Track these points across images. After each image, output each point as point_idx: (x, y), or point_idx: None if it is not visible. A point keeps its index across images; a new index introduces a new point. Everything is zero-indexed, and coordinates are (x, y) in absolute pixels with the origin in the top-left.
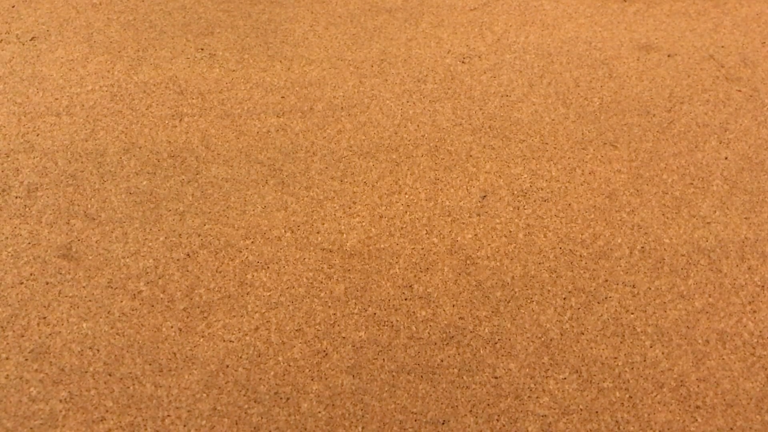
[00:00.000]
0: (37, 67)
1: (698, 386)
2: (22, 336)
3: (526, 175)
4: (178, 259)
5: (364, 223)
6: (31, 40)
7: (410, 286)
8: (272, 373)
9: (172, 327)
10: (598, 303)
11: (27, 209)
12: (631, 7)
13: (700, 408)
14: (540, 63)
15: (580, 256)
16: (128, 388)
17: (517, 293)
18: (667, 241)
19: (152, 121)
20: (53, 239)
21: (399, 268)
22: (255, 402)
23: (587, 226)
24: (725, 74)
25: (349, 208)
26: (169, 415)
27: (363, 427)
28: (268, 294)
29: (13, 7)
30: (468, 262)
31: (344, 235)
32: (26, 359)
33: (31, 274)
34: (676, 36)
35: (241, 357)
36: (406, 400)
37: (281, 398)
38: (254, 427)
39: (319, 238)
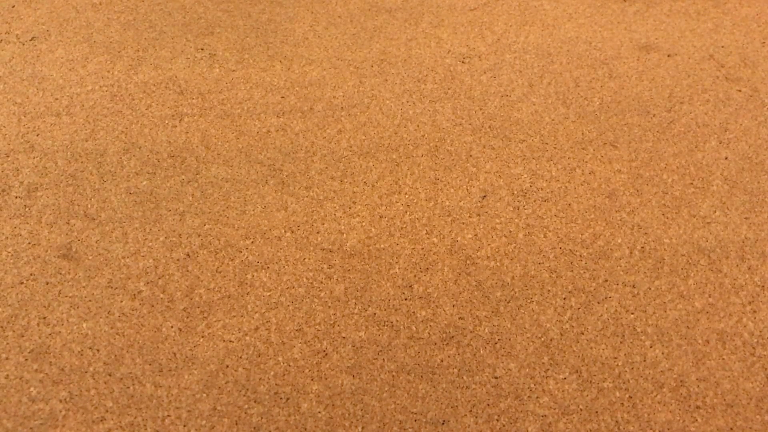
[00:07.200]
0: (37, 67)
1: (698, 386)
2: (22, 336)
3: (526, 175)
4: (178, 259)
5: (364, 223)
6: (31, 40)
7: (410, 286)
8: (272, 373)
9: (172, 327)
10: (598, 303)
11: (27, 209)
12: (631, 7)
13: (700, 408)
14: (540, 63)
15: (580, 256)
16: (128, 388)
17: (517, 293)
18: (667, 241)
19: (152, 121)
20: (53, 239)
21: (399, 268)
22: (255, 402)
23: (587, 226)
24: (725, 74)
25: (349, 208)
26: (169, 415)
27: (363, 427)
28: (268, 294)
29: (13, 7)
30: (468, 262)
31: (344, 235)
32: (26, 359)
33: (31, 274)
34: (676, 36)
35: (241, 357)
36: (406, 400)
37: (281, 398)
38: (254, 427)
39: (319, 238)
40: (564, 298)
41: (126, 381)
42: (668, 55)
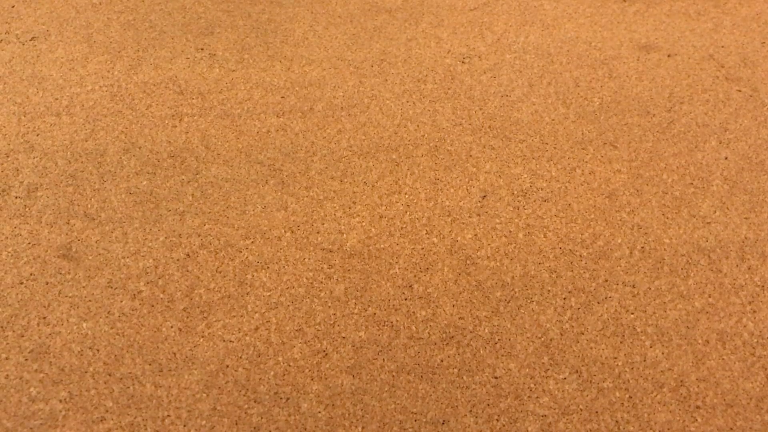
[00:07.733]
0: (37, 67)
1: (698, 386)
2: (22, 336)
3: (526, 175)
4: (178, 259)
5: (364, 223)
6: (31, 40)
7: (410, 286)
8: (272, 373)
9: (172, 327)
10: (598, 303)
11: (27, 209)
12: (631, 7)
13: (700, 408)
14: (540, 63)
15: (580, 256)
16: (128, 388)
17: (517, 293)
18: (667, 241)
19: (152, 121)
20: (53, 239)
21: (399, 268)
22: (255, 402)
23: (587, 226)
24: (725, 74)
25: (349, 208)
26: (169, 415)
27: (363, 427)
28: (268, 294)
29: (13, 7)
30: (468, 262)
31: (344, 235)
32: (26, 359)
33: (31, 274)
34: (676, 36)
35: (241, 357)
36: (406, 400)
37: (281, 398)
38: (254, 427)
39: (319, 238)
40: (564, 298)
41: (126, 381)
42: (668, 55)
